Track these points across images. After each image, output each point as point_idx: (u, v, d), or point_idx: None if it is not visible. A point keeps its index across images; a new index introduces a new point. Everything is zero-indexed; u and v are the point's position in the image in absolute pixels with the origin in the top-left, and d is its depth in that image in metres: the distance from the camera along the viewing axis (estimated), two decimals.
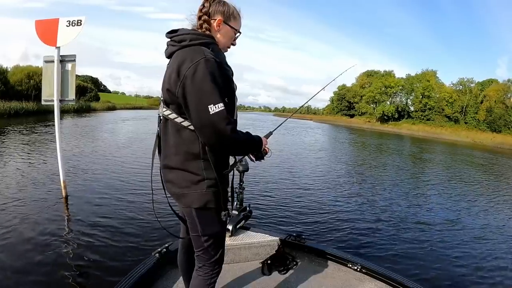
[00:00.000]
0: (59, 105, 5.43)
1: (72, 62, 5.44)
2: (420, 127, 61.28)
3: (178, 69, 1.47)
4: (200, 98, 1.43)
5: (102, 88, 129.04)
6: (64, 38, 5.31)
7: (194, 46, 1.52)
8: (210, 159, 1.55)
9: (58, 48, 5.36)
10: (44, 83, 5.54)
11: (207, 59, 1.45)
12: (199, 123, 1.45)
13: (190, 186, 1.57)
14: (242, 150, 1.68)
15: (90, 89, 58.69)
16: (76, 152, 10.53)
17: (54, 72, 5.35)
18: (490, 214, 7.65)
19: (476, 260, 4.87)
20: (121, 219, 5.07)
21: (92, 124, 23.45)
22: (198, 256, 1.77)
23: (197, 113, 1.44)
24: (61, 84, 5.43)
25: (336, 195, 8.03)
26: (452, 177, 12.97)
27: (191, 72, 1.43)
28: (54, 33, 5.32)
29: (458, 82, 66.14)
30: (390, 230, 5.76)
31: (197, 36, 1.57)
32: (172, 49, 1.59)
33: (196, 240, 1.72)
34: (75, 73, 5.50)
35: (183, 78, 1.44)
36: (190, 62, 1.44)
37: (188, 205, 1.61)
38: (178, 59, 1.50)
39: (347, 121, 75.19)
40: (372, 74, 79.16)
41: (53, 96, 5.39)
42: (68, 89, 5.45)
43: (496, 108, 55.82)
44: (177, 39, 1.58)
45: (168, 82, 1.52)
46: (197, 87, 1.42)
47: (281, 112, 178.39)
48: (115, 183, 7.13)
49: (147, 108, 74.05)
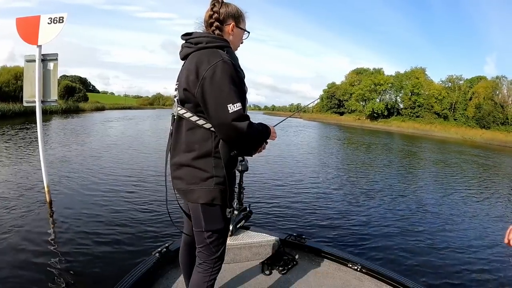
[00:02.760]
0: (41, 106, 5.18)
1: (54, 61, 5.19)
2: (409, 124, 61.61)
3: (196, 71, 1.54)
4: (220, 98, 1.50)
5: (91, 88, 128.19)
6: (45, 36, 5.07)
7: (211, 49, 1.60)
8: (221, 157, 1.62)
9: (39, 47, 5.12)
10: (25, 84, 5.30)
11: (224, 61, 1.53)
12: (218, 121, 1.52)
13: (199, 183, 1.63)
14: (257, 143, 1.72)
15: (79, 90, 58.20)
16: (62, 155, 10.24)
17: (36, 72, 5.10)
18: (491, 214, 7.61)
19: (476, 260, 4.81)
20: (108, 222, 4.97)
21: (79, 125, 22.99)
22: (200, 252, 1.81)
23: (217, 112, 1.51)
24: (43, 84, 5.18)
25: (336, 195, 7.99)
26: (452, 177, 12.97)
27: (210, 73, 1.51)
28: (35, 31, 5.08)
29: (447, 79, 66.70)
30: (391, 230, 5.73)
31: (214, 39, 1.64)
32: (188, 50, 1.66)
33: (198, 235, 1.78)
34: (57, 72, 5.25)
35: (202, 79, 1.52)
36: (208, 64, 1.52)
37: (195, 201, 1.67)
38: (195, 60, 1.57)
39: (337, 119, 74.96)
40: (361, 72, 79.04)
41: (35, 97, 5.14)
42: (50, 89, 5.21)
43: (485, 105, 56.36)
44: (193, 41, 1.65)
45: (186, 82, 1.59)
46: (216, 87, 1.50)
47: (270, 110, 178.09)
48: (101, 187, 6.90)
49: (136, 108, 73.77)
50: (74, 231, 4.59)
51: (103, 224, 4.88)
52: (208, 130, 1.61)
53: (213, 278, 1.81)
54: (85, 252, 3.99)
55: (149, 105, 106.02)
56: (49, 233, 4.54)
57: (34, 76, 5.13)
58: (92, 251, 4.03)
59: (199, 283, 1.80)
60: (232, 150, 1.64)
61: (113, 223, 4.97)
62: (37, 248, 4.04)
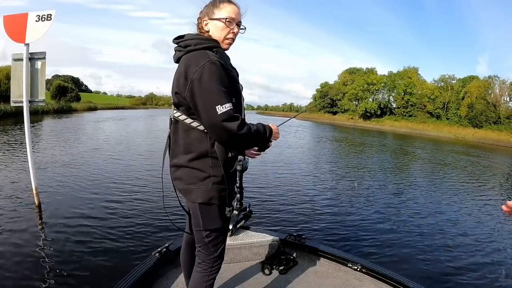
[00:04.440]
0: (29, 106, 5.04)
1: (42, 60, 5.05)
2: (402, 123, 61.98)
3: (185, 73, 1.55)
4: (208, 100, 1.50)
5: (83, 88, 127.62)
6: (33, 34, 4.93)
7: (199, 51, 1.60)
8: (218, 157, 1.62)
9: (27, 45, 4.98)
10: (13, 83, 5.14)
11: (212, 62, 1.52)
12: (209, 123, 1.53)
13: (197, 183, 1.64)
14: (252, 144, 1.75)
15: (71, 89, 57.76)
16: (52, 156, 10.05)
17: (23, 71, 4.96)
18: (491, 214, 7.62)
19: (476, 259, 4.80)
20: (105, 224, 4.89)
21: (71, 125, 22.66)
22: (199, 251, 1.83)
23: (206, 114, 1.51)
24: (31, 83, 5.04)
25: (336, 195, 7.97)
26: (451, 177, 12.97)
27: (198, 75, 1.51)
28: (23, 29, 4.95)
29: (440, 79, 67.20)
30: (391, 230, 5.73)
31: (201, 41, 1.64)
32: (179, 54, 1.68)
33: (197, 234, 1.79)
34: (45, 71, 5.10)
35: (191, 82, 1.52)
36: (196, 66, 1.52)
37: (193, 201, 1.68)
38: (184, 63, 1.58)
39: (330, 118, 75.14)
40: (354, 72, 79.36)
41: (22, 97, 5.00)
42: (37, 89, 5.07)
43: (477, 104, 56.82)
44: (183, 44, 1.67)
45: (177, 85, 1.61)
46: (204, 89, 1.50)
47: (263, 110, 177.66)
48: (95, 188, 6.75)
49: (129, 108, 73.30)
50: (68, 232, 4.51)
51: (101, 225, 4.81)
52: (203, 131, 1.62)
53: (212, 278, 1.83)
54: (83, 253, 3.93)
55: (142, 105, 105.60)
56: (38, 236, 4.40)
57: (22, 75, 4.99)
58: (91, 252, 3.97)
59: (199, 282, 1.81)
60: (228, 150, 1.64)
61: (112, 223, 4.93)
62: (27, 250, 3.94)
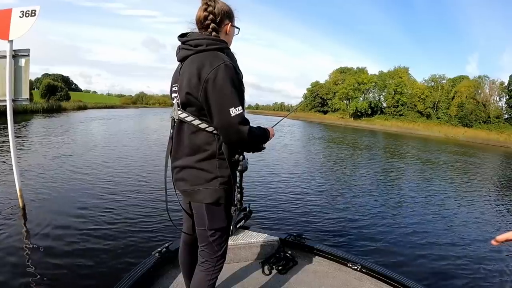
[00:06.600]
0: (12, 105, 4.87)
1: (26, 57, 4.90)
2: (393, 122, 62.53)
3: (198, 74, 1.53)
4: (222, 101, 1.51)
5: (73, 87, 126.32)
6: (17, 31, 4.78)
7: (211, 51, 1.58)
8: (225, 158, 1.64)
9: (10, 42, 4.82)
10: None
11: (226, 64, 1.52)
12: (221, 124, 1.54)
13: (204, 183, 1.64)
14: (257, 145, 1.79)
15: (61, 88, 57.17)
16: (36, 157, 9.81)
17: (7, 69, 4.79)
18: (491, 213, 7.66)
19: (476, 259, 4.80)
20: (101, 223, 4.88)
21: (60, 125, 22.29)
22: (202, 251, 1.82)
23: (219, 115, 1.53)
24: (14, 81, 4.88)
25: (336, 195, 7.94)
26: (451, 177, 13.03)
27: (212, 76, 1.50)
28: (6, 25, 4.79)
29: (430, 79, 67.99)
30: (391, 230, 5.72)
31: (214, 42, 1.61)
32: (187, 53, 1.64)
33: (201, 234, 1.79)
34: (29, 69, 4.95)
35: (205, 82, 1.51)
36: (210, 67, 1.51)
37: (200, 201, 1.68)
38: (196, 63, 1.56)
39: (320, 118, 75.45)
40: (345, 71, 79.70)
41: (5, 96, 4.83)
42: (21, 87, 4.91)
43: (467, 104, 57.51)
44: (192, 43, 1.62)
45: (188, 86, 1.57)
46: (219, 90, 1.51)
47: (254, 109, 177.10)
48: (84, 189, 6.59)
49: (119, 107, 72.75)
50: (54, 234, 4.39)
51: (94, 227, 4.72)
52: (211, 133, 1.62)
53: (215, 277, 1.84)
54: (81, 254, 3.89)
55: (132, 104, 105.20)
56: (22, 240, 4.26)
57: (5, 73, 4.82)
58: (89, 252, 3.94)
59: (202, 281, 1.81)
60: (234, 150, 1.67)
61: (111, 224, 4.88)
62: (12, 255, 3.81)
